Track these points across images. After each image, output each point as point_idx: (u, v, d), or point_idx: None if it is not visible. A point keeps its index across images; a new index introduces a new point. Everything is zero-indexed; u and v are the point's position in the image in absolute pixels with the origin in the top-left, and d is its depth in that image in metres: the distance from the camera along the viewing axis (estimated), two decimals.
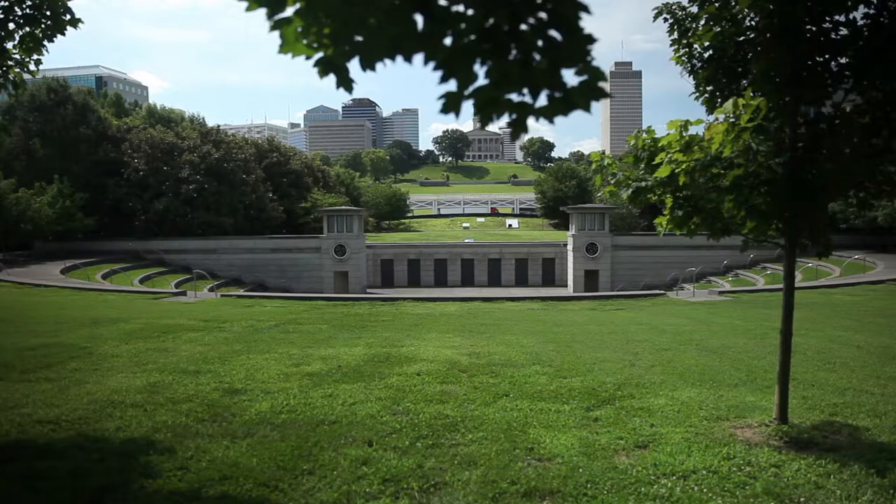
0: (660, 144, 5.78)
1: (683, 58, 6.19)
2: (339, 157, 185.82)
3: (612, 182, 6.15)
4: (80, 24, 6.49)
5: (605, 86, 1.91)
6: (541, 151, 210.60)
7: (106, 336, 13.22)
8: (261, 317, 17.23)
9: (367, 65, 1.75)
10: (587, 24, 1.75)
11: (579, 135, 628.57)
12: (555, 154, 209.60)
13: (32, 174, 49.94)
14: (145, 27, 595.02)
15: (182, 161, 54.54)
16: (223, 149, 57.91)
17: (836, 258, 39.97)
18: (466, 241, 63.81)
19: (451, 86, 1.71)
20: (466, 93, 1.71)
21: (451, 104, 1.72)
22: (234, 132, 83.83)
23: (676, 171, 5.49)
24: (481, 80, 1.70)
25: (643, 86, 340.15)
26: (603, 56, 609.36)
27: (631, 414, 6.82)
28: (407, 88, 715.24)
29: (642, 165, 6.17)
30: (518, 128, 1.77)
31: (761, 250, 46.82)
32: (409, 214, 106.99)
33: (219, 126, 67.21)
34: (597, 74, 1.78)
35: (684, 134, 5.44)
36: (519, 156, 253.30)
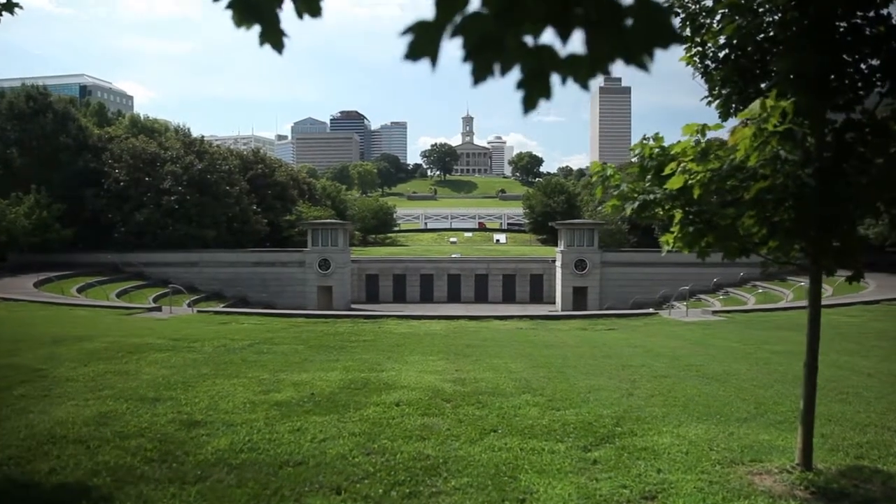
0: (671, 153, 5.10)
1: (695, 58, 5.54)
2: (327, 169, 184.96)
3: (616, 195, 5.46)
4: (16, 10, 5.71)
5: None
6: (529, 166, 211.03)
7: (65, 357, 12.31)
8: (235, 335, 16.35)
9: None
10: None
11: (568, 150, 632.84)
12: (543, 169, 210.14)
13: (9, 184, 48.60)
14: (132, 37, 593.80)
15: (164, 172, 53.48)
16: (206, 160, 56.96)
17: (824, 276, 39.69)
18: (453, 256, 63.14)
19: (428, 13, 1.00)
20: (450, 25, 0.99)
21: (422, 43, 1.01)
22: (220, 143, 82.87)
23: (690, 182, 4.81)
24: (476, 5, 0.99)
25: (632, 102, 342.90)
26: None
27: (634, 456, 6.08)
28: (396, 101, 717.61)
29: (648, 177, 5.49)
30: (535, 90, 1.06)
31: (751, 268, 46.74)
32: (396, 228, 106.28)
33: (202, 136, 66.18)
34: (659, 10, 1.07)
35: (700, 140, 4.77)
36: (507, 170, 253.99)
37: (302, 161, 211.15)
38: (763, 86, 5.35)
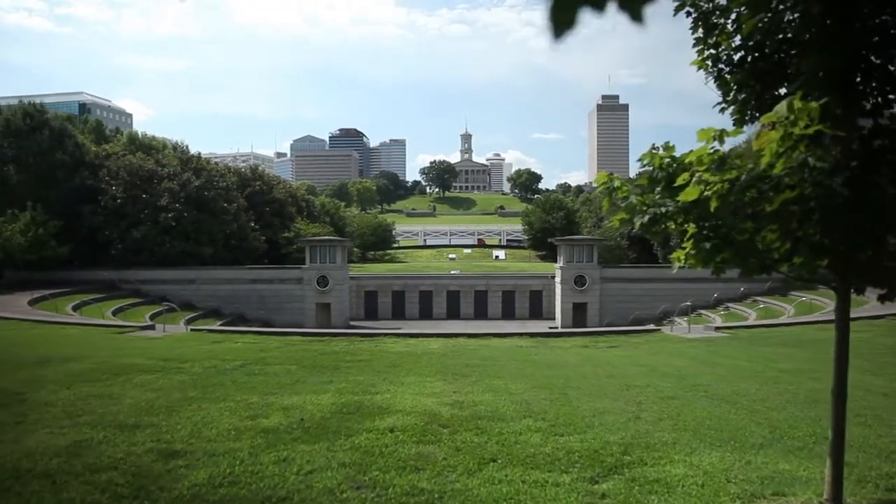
0: (685, 161, 4.70)
1: (708, 61, 5.17)
2: (326, 187, 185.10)
3: (624, 207, 5.05)
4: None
5: None
6: (528, 183, 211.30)
7: (48, 379, 11.84)
8: (227, 355, 15.88)
9: None
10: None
11: (566, 167, 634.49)
12: (542, 186, 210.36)
13: (6, 201, 48.29)
14: (132, 55, 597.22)
15: (161, 189, 53.22)
16: (204, 176, 56.73)
17: (825, 290, 39.26)
18: (452, 272, 62.75)
19: None
20: None
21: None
22: (219, 161, 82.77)
23: (706, 193, 4.41)
24: None
25: (630, 119, 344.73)
26: (590, 89, 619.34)
27: (645, 489, 5.62)
28: (394, 119, 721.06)
29: (658, 188, 5.08)
30: None
31: (752, 283, 46.35)
32: (395, 245, 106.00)
33: (199, 153, 66.05)
34: None
35: (717, 148, 4.38)
36: (506, 187, 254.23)
37: (301, 178, 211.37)
38: (782, 91, 4.98)
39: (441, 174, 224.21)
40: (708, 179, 4.42)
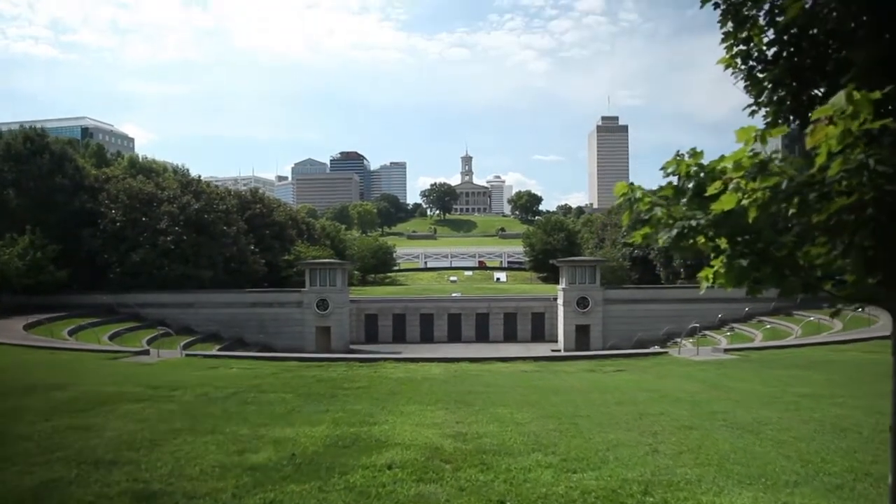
0: (716, 168, 4.18)
1: (737, 58, 4.67)
2: (327, 209, 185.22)
3: (648, 219, 4.51)
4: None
5: None
6: (528, 205, 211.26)
7: (29, 409, 11.26)
8: (220, 382, 15.25)
9: None
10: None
11: (566, 189, 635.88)
12: (542, 208, 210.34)
13: (4, 225, 47.97)
14: (135, 81, 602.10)
15: (161, 212, 52.87)
16: (204, 199, 56.42)
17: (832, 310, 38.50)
18: (453, 295, 62.17)
19: None
20: None
21: None
22: (220, 184, 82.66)
23: (745, 202, 3.88)
24: None
25: (629, 140, 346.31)
26: (590, 110, 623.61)
27: None
28: (395, 142, 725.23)
29: (684, 200, 4.54)
30: None
31: (756, 303, 45.69)
32: (396, 267, 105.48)
33: (200, 176, 65.86)
34: None
35: (759, 151, 3.86)
36: (506, 209, 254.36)
37: (302, 201, 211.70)
38: (821, 91, 4.47)
39: (441, 196, 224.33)
40: (748, 187, 3.89)
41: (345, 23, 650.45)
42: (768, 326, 39.79)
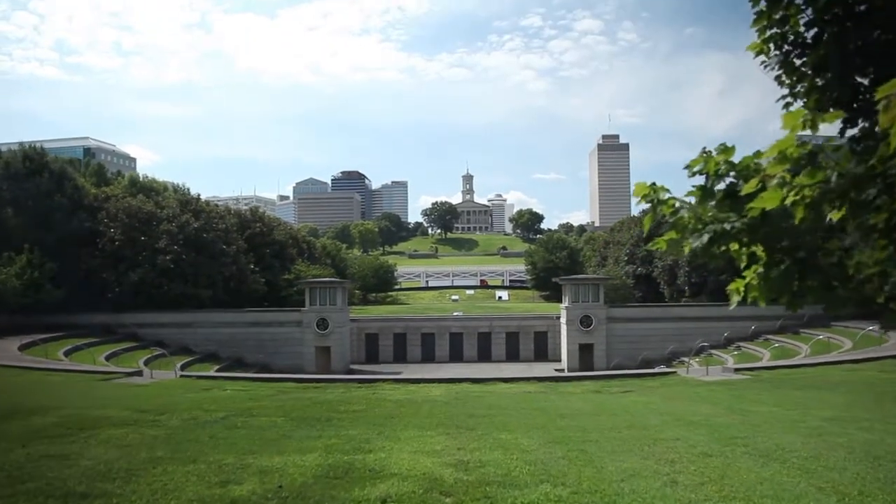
0: (751, 164, 3.64)
1: (771, 43, 4.15)
2: (328, 229, 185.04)
3: (673, 226, 3.95)
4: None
5: None
6: (529, 223, 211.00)
7: (6, 435, 10.65)
8: (211, 405, 14.61)
9: None
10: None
11: (567, 207, 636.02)
12: (544, 226, 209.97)
13: (2, 244, 47.55)
14: (138, 102, 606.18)
15: (160, 231, 52.42)
16: (203, 218, 55.99)
17: (840, 328, 37.75)
18: (455, 314, 61.51)
19: None
20: None
21: None
22: (221, 203, 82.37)
23: (791, 199, 3.32)
24: None
25: (630, 158, 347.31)
26: (590, 128, 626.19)
27: None
28: (396, 161, 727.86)
29: (711, 202, 3.99)
30: None
31: (763, 321, 44.96)
32: (397, 286, 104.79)
33: (199, 195, 65.52)
34: None
35: (806, 141, 3.31)
36: (508, 228, 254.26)
37: (304, 221, 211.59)
38: (868, 78, 3.94)
39: (443, 215, 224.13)
40: (793, 183, 3.34)
41: (346, 44, 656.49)
42: (776, 345, 39.04)
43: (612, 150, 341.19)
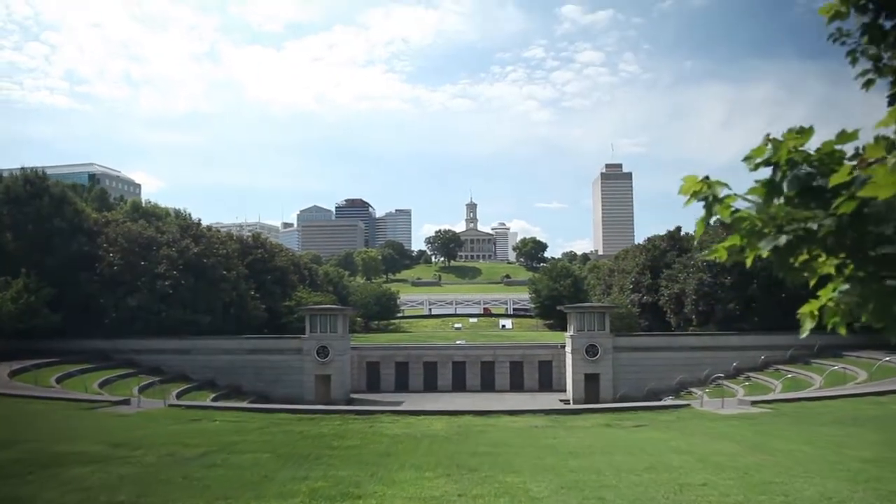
0: (835, 151, 2.73)
1: (850, 4, 3.26)
2: (332, 256, 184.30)
3: (736, 229, 3.01)
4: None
5: None
6: (533, 252, 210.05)
7: None
8: (193, 439, 13.57)
9: None
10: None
11: (570, 236, 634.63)
12: (547, 254, 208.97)
13: (1, 267, 46.84)
14: (146, 130, 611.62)
15: (159, 255, 51.68)
16: (203, 244, 55.27)
17: (852, 358, 36.42)
18: (458, 342, 60.25)
19: None
20: None
21: None
22: (224, 229, 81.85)
23: None
24: None
25: (633, 187, 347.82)
26: (592, 159, 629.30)
27: None
28: (400, 189, 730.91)
29: (778, 200, 3.03)
30: None
31: (772, 351, 43.68)
32: (400, 314, 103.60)
33: (200, 220, 64.93)
34: None
35: None
36: (511, 256, 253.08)
37: (308, 248, 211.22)
38: None
39: (446, 244, 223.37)
40: None
41: (351, 75, 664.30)
42: (789, 376, 37.74)
43: (616, 179, 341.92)
